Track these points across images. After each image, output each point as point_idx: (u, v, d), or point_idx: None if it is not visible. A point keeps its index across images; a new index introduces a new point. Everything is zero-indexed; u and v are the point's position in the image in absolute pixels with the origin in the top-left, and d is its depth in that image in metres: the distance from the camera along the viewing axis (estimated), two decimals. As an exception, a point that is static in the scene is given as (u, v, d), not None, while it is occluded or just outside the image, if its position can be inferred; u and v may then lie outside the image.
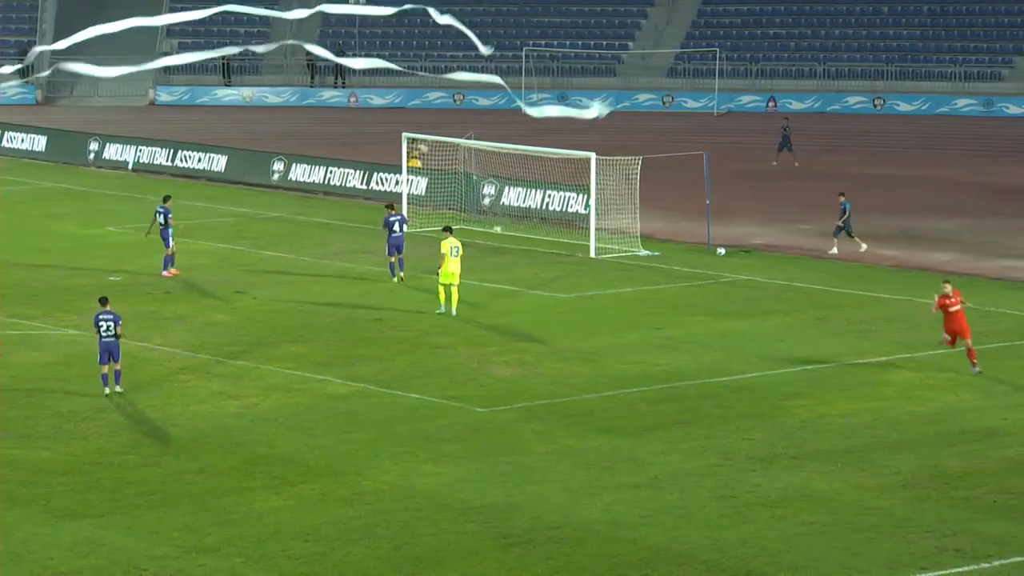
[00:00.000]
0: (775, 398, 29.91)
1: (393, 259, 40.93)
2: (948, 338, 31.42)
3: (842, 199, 44.85)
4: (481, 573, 21.34)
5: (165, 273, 40.96)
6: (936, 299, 31.37)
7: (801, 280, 41.37)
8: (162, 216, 41.42)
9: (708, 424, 28.21)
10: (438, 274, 36.89)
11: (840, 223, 44.72)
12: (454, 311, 36.56)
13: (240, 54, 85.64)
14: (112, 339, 29.89)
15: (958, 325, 31.13)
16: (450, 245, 36.75)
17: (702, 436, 27.44)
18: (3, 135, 66.15)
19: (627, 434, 27.63)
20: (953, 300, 31.23)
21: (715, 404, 29.55)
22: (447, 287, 36.68)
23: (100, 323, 29.95)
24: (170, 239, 41.08)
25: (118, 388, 30.00)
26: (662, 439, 27.29)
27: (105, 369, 29.94)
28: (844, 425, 28.13)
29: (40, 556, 21.86)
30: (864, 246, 44.44)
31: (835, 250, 44.46)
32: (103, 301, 30.47)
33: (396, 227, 40.98)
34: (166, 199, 42.12)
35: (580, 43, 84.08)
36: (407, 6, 8.51)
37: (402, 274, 40.68)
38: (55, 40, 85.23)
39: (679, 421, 28.42)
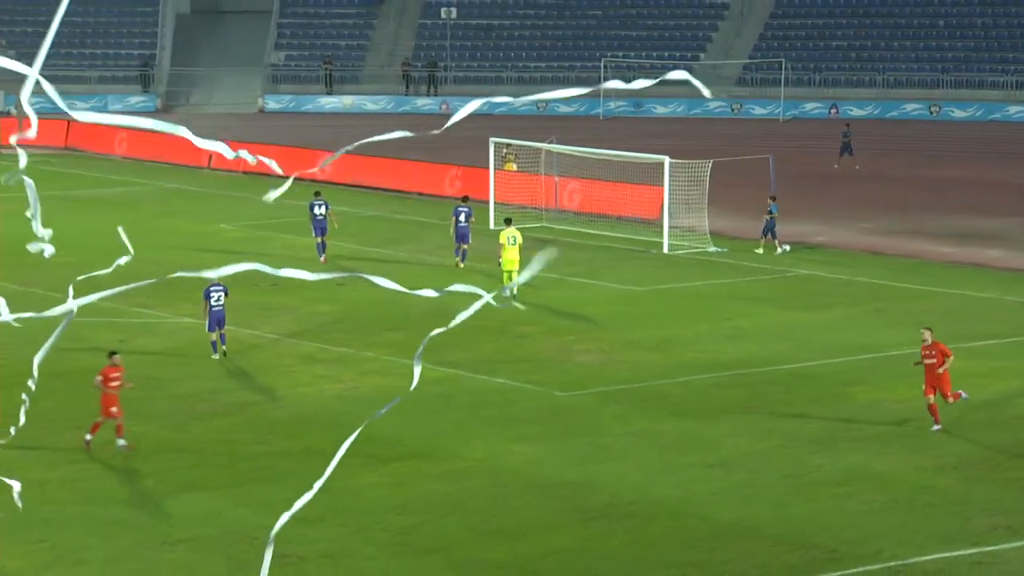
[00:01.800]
0: (837, 384, 29.71)
1: (462, 247, 41.30)
2: (930, 400, 26.23)
3: (771, 203, 44.18)
4: (562, 545, 21.36)
5: (322, 259, 42.19)
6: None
7: (861, 275, 41.06)
8: (321, 208, 42.50)
9: (775, 408, 28.07)
10: (499, 263, 37.41)
11: (766, 219, 43.78)
12: (514, 290, 36.94)
13: (340, 64, 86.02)
14: (221, 308, 30.86)
15: (932, 379, 26.28)
16: (507, 235, 37.31)
17: (769, 419, 27.31)
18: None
19: (698, 417, 27.54)
20: (928, 352, 26.32)
21: (781, 390, 29.40)
22: (508, 273, 37.12)
23: (211, 294, 30.82)
24: (326, 229, 42.46)
25: (224, 348, 31.10)
26: (731, 422, 27.19)
27: (214, 336, 30.98)
28: (901, 409, 27.89)
29: (162, 524, 22.13)
30: (761, 250, 43.39)
31: (759, 250, 43.45)
32: None
33: (462, 217, 41.24)
34: (317, 194, 43.12)
35: (655, 54, 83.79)
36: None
37: (461, 263, 40.94)
38: (173, 54, 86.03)
39: (747, 405, 28.30)
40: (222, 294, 31.14)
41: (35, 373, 9.88)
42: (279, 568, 20.07)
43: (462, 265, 40.98)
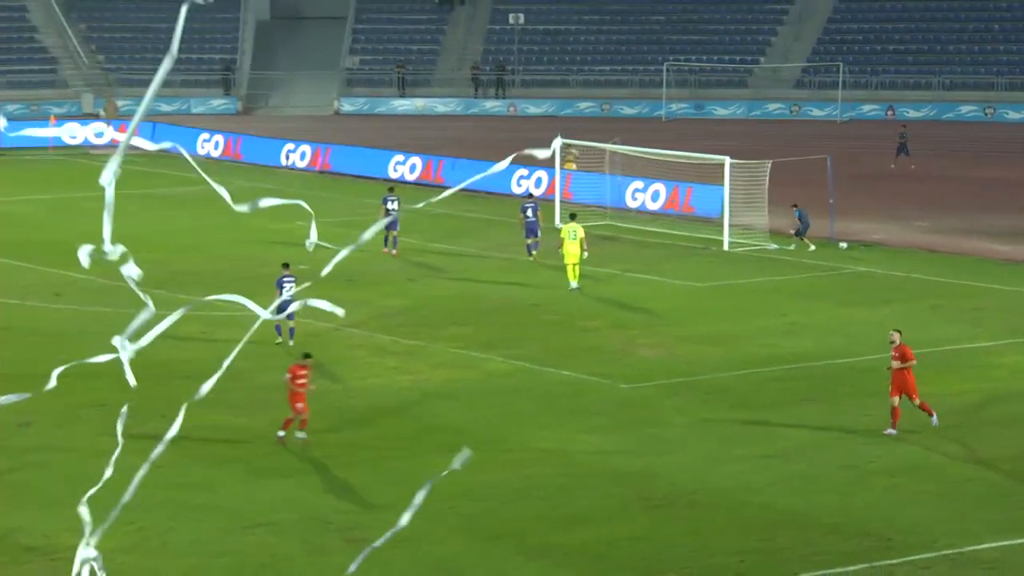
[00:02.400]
0: (893, 378, 29.47)
1: (529, 241, 41.63)
2: (894, 403, 25.17)
3: (795, 209, 43.98)
4: (626, 532, 21.35)
5: (394, 252, 42.51)
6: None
7: (917, 272, 40.73)
8: (393, 203, 43.00)
9: (832, 401, 27.92)
10: (560, 254, 37.67)
11: (797, 229, 43.60)
12: (575, 284, 37.25)
13: (412, 67, 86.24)
14: (291, 299, 31.02)
15: (901, 381, 25.30)
16: (569, 230, 37.79)
17: (826, 412, 27.17)
18: (201, 140, 67.24)
19: (757, 409, 27.44)
20: (895, 354, 25.28)
21: (838, 383, 29.23)
22: (572, 266, 37.30)
23: (284, 284, 30.97)
24: (396, 224, 42.86)
25: (291, 343, 31.25)
26: (789, 414, 27.07)
27: (280, 318, 31.18)
28: (956, 403, 27.66)
29: (243, 509, 22.31)
30: (813, 247, 43.16)
31: (812, 247, 43.30)
32: (285, 265, 31.63)
33: (529, 212, 41.65)
34: (391, 189, 43.68)
35: (716, 58, 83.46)
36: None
37: (535, 254, 41.38)
38: (254, 59, 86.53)
39: (805, 398, 28.17)
40: (293, 285, 31.33)
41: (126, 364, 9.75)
42: (351, 553, 20.21)
43: (534, 254, 41.50)
